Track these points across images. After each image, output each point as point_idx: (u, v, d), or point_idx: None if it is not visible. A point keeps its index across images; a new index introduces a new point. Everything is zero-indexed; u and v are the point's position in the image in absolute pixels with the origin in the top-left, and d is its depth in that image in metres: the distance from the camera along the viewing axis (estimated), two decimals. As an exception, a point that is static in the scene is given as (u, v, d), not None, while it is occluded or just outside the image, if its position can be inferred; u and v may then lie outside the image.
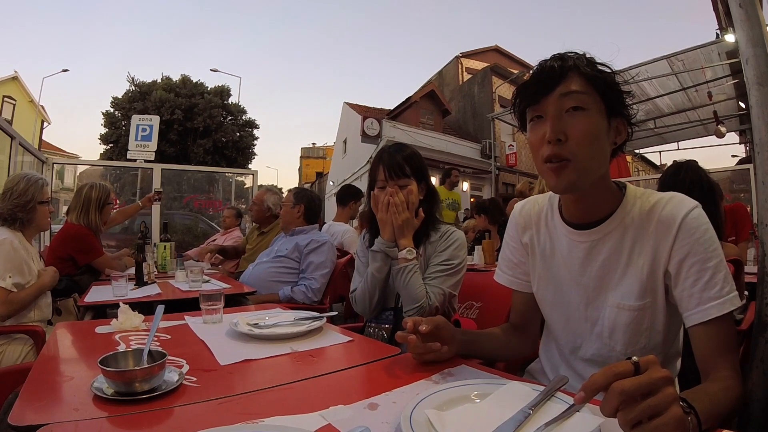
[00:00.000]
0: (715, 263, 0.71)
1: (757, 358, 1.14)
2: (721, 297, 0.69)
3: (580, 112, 0.72)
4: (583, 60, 0.74)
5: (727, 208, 2.34)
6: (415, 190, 1.32)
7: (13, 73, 17.91)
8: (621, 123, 0.77)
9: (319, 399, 0.66)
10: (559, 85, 0.73)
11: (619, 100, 0.76)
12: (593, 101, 0.73)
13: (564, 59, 0.74)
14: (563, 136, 0.72)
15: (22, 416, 0.59)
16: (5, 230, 1.72)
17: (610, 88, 0.74)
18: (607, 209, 0.79)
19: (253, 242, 3.21)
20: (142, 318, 1.14)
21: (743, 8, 1.15)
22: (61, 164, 5.67)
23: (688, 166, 1.74)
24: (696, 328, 0.71)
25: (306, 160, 34.53)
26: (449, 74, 18.28)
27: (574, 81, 0.72)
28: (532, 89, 0.76)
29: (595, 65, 0.75)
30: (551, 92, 0.73)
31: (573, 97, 0.72)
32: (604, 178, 0.78)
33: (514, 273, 0.97)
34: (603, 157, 0.75)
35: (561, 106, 0.73)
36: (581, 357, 0.86)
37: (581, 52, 0.76)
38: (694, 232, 0.72)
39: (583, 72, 0.73)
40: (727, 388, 0.66)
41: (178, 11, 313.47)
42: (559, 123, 0.72)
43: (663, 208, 0.75)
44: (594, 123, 0.72)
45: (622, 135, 0.78)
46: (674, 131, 8.25)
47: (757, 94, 1.12)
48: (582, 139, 0.71)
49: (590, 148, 0.72)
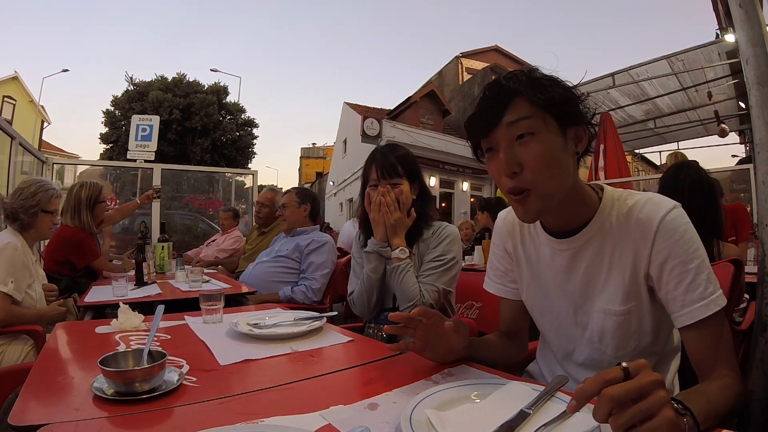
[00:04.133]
0: (696, 264, 0.70)
1: (757, 358, 1.14)
2: (704, 298, 0.68)
3: (530, 138, 0.70)
4: (523, 82, 0.71)
5: (726, 208, 2.34)
6: (406, 190, 1.33)
7: (13, 73, 17.89)
8: (579, 129, 0.74)
9: (319, 399, 0.66)
10: (504, 114, 0.71)
11: (570, 111, 0.73)
12: (542, 122, 0.70)
13: (503, 87, 0.72)
14: (518, 167, 0.70)
15: (22, 416, 0.59)
16: (8, 234, 1.72)
17: (558, 103, 0.71)
18: (585, 216, 0.78)
19: (253, 242, 3.21)
20: (142, 318, 1.14)
21: (743, 8, 1.16)
22: (61, 164, 5.65)
23: (688, 167, 1.74)
24: (685, 330, 0.71)
25: (306, 160, 34.54)
26: (449, 74, 18.28)
27: (519, 107, 0.70)
28: (480, 122, 0.74)
29: (539, 83, 0.71)
30: (498, 123, 0.71)
31: (520, 124, 0.70)
32: (575, 190, 0.76)
33: (503, 281, 0.97)
34: (565, 174, 0.73)
35: (510, 135, 0.71)
36: (575, 362, 0.86)
37: (524, 71, 0.74)
38: (673, 234, 0.71)
39: (525, 95, 0.70)
40: (725, 387, 0.65)
41: (179, 11, 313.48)
42: (511, 154, 0.71)
43: (640, 211, 0.74)
44: (547, 145, 0.70)
45: (584, 141, 0.75)
46: (674, 131, 8.25)
47: (757, 94, 1.12)
48: (536, 166, 0.70)
49: (548, 172, 0.70)
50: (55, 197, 1.87)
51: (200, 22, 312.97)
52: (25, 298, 1.67)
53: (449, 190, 14.74)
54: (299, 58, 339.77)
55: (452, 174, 14.33)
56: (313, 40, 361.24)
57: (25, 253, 1.70)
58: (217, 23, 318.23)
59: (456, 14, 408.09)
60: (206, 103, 14.33)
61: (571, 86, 0.74)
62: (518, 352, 0.99)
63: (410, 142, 12.35)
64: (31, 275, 1.71)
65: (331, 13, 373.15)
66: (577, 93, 0.74)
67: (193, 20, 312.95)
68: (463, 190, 14.84)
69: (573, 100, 0.73)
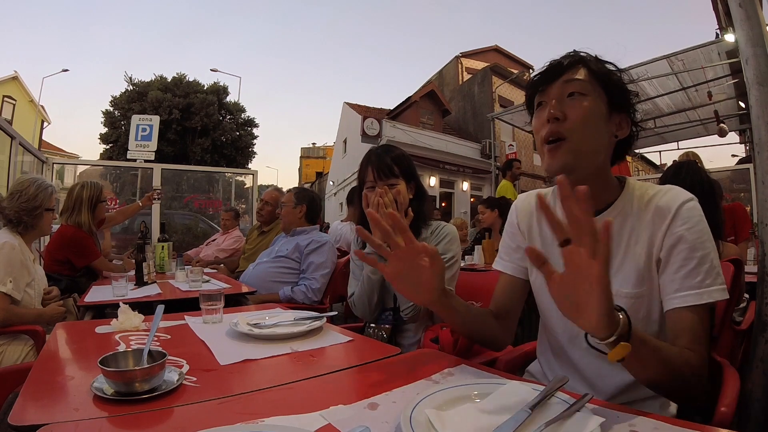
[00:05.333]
0: (701, 254, 0.72)
1: (757, 358, 1.14)
2: (701, 287, 0.71)
3: (580, 97, 0.77)
4: (590, 55, 0.80)
5: (726, 208, 2.35)
6: (403, 190, 1.33)
7: (13, 73, 17.89)
8: (623, 119, 0.81)
9: (319, 399, 0.66)
10: (564, 74, 0.78)
11: (621, 96, 0.80)
12: (594, 90, 0.77)
13: (573, 54, 0.80)
14: (561, 115, 0.77)
15: (22, 416, 0.59)
16: (5, 233, 1.72)
17: (614, 84, 0.79)
18: (606, 199, 0.82)
19: (253, 242, 3.21)
20: (142, 318, 1.14)
21: (743, 8, 1.16)
22: (61, 164, 5.65)
23: (688, 166, 1.75)
24: (671, 312, 0.73)
25: (306, 160, 34.56)
26: (449, 74, 18.28)
27: (579, 71, 0.78)
28: (541, 78, 0.81)
29: (602, 61, 0.80)
30: (556, 80, 0.79)
31: (575, 83, 0.77)
32: (602, 170, 0.81)
33: (511, 258, 0.98)
34: (599, 141, 0.78)
35: (563, 90, 0.78)
36: (579, 346, 0.85)
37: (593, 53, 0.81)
38: (687, 221, 0.74)
39: (588, 65, 0.78)
40: (681, 355, 0.67)
41: (179, 11, 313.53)
42: (559, 104, 0.77)
43: (660, 199, 0.78)
44: (592, 108, 0.77)
45: (624, 130, 0.82)
46: (674, 131, 8.25)
47: (757, 94, 1.12)
48: (578, 119, 0.76)
49: (585, 128, 0.76)
50: (54, 193, 1.88)
51: (200, 23, 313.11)
52: (24, 297, 1.67)
53: (449, 190, 14.74)
54: (299, 57, 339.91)
55: (452, 174, 14.33)
56: (313, 40, 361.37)
57: (23, 251, 1.69)
58: (217, 23, 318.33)
59: (456, 14, 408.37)
60: (206, 103, 14.32)
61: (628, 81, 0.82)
62: (501, 335, 0.95)
63: (410, 142, 12.37)
64: (30, 274, 1.71)
65: (331, 13, 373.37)
66: (631, 88, 0.81)
67: (193, 20, 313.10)
68: (463, 190, 14.84)
69: (625, 89, 0.81)
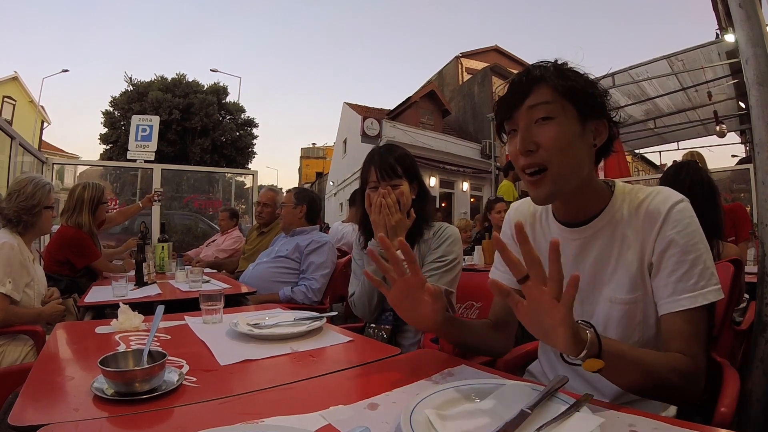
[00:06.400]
0: (694, 257, 0.72)
1: (757, 358, 1.14)
2: (695, 290, 0.71)
3: (548, 122, 0.74)
4: (550, 70, 0.77)
5: (726, 208, 2.34)
6: (406, 191, 1.33)
7: (13, 74, 17.89)
8: (600, 124, 0.79)
9: (319, 399, 0.66)
10: (527, 98, 0.76)
11: (591, 103, 0.77)
12: (561, 109, 0.75)
13: (530, 73, 0.77)
14: (533, 146, 0.75)
15: (22, 416, 0.59)
16: (5, 234, 1.72)
17: (580, 94, 0.75)
18: (596, 207, 0.81)
19: (253, 242, 3.21)
20: (142, 318, 1.14)
21: (743, 8, 1.16)
22: (61, 164, 5.66)
23: (688, 167, 1.74)
24: (666, 317, 0.73)
25: (306, 160, 34.55)
26: (449, 74, 18.28)
27: (541, 92, 0.75)
28: (505, 104, 0.79)
29: (564, 73, 0.76)
30: (520, 106, 0.76)
31: (540, 108, 0.75)
32: (588, 181, 0.79)
33: (506, 268, 0.97)
34: (579, 161, 0.77)
35: (530, 117, 0.75)
36: None
37: (551, 61, 0.78)
38: (677, 224, 0.73)
39: (549, 82, 0.75)
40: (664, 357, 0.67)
41: (179, 12, 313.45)
42: (528, 134, 0.75)
43: (650, 203, 0.77)
44: (563, 130, 0.74)
45: (603, 135, 0.79)
46: (674, 131, 8.26)
47: (757, 94, 1.12)
48: (551, 146, 0.74)
49: (562, 153, 0.74)
50: (52, 191, 1.88)
51: (200, 23, 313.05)
52: (24, 297, 1.67)
53: (449, 191, 14.73)
54: (299, 58, 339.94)
55: (452, 174, 14.32)
56: (313, 40, 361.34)
57: (22, 252, 1.69)
58: (216, 23, 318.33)
59: (456, 14, 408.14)
60: (206, 103, 14.31)
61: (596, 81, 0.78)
62: (502, 344, 0.97)
63: (410, 142, 12.35)
64: (29, 274, 1.71)
65: (331, 13, 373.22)
66: (600, 89, 0.78)
67: (192, 21, 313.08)
68: (463, 190, 14.84)
69: (594, 93, 0.77)
